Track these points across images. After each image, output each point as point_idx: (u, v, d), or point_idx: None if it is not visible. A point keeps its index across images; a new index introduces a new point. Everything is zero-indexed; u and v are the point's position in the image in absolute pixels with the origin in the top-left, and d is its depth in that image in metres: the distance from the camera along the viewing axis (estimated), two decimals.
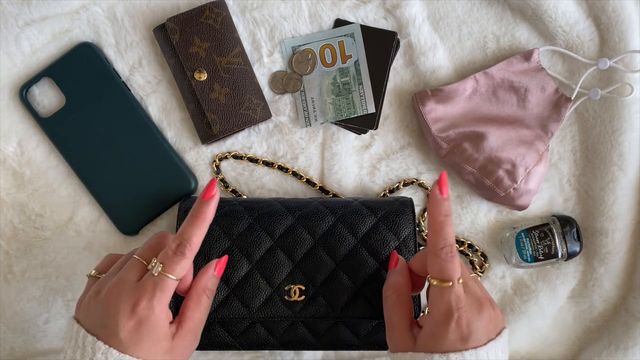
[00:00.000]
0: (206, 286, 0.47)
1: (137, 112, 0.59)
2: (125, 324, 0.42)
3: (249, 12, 0.60)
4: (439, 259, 0.43)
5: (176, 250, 0.43)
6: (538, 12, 0.58)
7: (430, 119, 0.58)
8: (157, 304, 0.42)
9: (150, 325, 0.42)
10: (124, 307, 0.42)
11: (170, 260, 0.43)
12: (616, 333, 0.60)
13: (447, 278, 0.43)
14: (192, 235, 0.44)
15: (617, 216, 0.59)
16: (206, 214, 0.44)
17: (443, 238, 0.43)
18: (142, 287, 0.43)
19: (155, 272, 0.43)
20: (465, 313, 0.42)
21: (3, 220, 0.60)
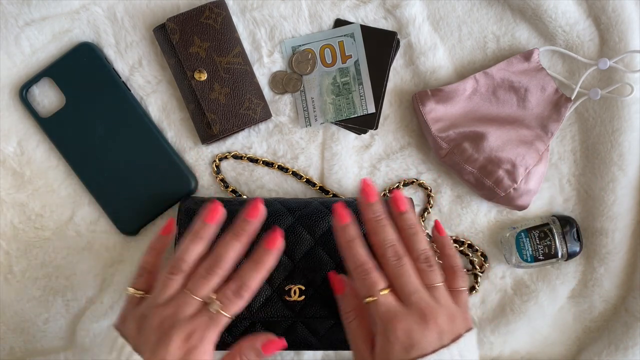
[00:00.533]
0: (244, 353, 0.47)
1: (137, 112, 0.59)
2: (175, 352, 0.43)
3: (249, 12, 0.60)
4: (357, 279, 0.46)
5: (236, 293, 0.45)
6: (538, 12, 0.58)
7: (430, 119, 0.58)
8: (208, 337, 0.44)
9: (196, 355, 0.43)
10: (177, 338, 0.43)
11: (228, 301, 0.45)
12: (616, 333, 0.60)
13: (369, 293, 0.45)
14: (252, 281, 0.45)
15: (617, 216, 0.59)
16: (269, 264, 0.46)
17: (352, 261, 0.46)
18: (197, 321, 0.44)
19: (214, 310, 0.44)
20: (399, 323, 0.43)
21: (3, 220, 0.60)
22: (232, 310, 0.45)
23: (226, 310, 0.45)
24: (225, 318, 0.45)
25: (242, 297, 0.45)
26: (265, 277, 0.46)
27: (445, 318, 0.44)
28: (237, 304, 0.45)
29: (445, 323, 0.44)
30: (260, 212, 0.47)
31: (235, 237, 0.46)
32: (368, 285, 0.45)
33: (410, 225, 0.47)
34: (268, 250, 0.46)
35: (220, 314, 0.44)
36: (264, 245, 0.46)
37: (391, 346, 0.43)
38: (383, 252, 0.46)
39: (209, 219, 0.47)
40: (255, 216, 0.47)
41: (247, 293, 0.45)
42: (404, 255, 0.46)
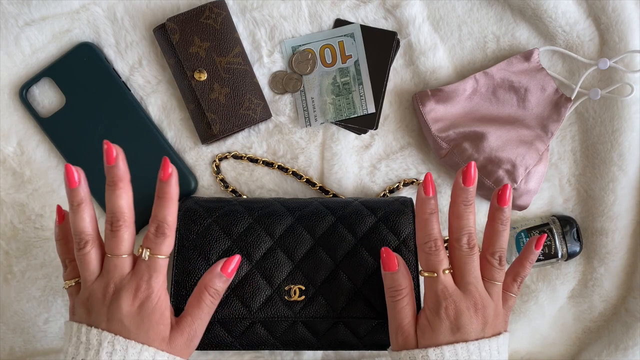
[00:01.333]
0: (209, 284, 0.49)
1: (137, 112, 0.59)
2: (129, 309, 0.44)
3: (249, 12, 0.60)
4: (424, 253, 0.47)
5: (157, 233, 0.46)
6: (538, 12, 0.58)
7: (430, 119, 0.58)
8: (154, 283, 0.45)
9: (150, 305, 0.45)
10: (126, 296, 0.45)
11: (154, 243, 0.46)
12: (616, 333, 0.60)
13: (433, 269, 0.46)
14: (166, 215, 0.46)
15: (617, 216, 0.59)
16: (171, 193, 0.46)
17: (427, 234, 0.47)
18: (138, 274, 0.45)
19: (146, 257, 0.45)
20: (452, 303, 0.45)
21: (3, 220, 0.60)
22: (163, 250, 0.46)
23: (157, 252, 0.46)
24: (161, 259, 0.46)
25: (164, 234, 0.46)
26: (175, 207, 0.47)
27: (492, 313, 0.46)
28: (164, 243, 0.46)
29: (491, 317, 0.46)
30: (116, 151, 0.46)
31: (110, 187, 0.46)
32: (434, 261, 0.46)
33: (504, 221, 0.48)
34: (165, 182, 0.46)
35: (154, 258, 0.46)
36: (160, 178, 0.46)
37: (440, 323, 0.45)
38: (458, 237, 0.47)
39: (70, 184, 0.46)
40: (113, 160, 0.46)
41: (167, 229, 0.46)
42: (475, 246, 0.47)
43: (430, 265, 0.46)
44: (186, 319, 0.48)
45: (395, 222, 0.55)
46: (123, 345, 0.43)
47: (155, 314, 0.45)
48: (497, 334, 0.46)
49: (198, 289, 0.49)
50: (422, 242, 0.47)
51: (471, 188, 0.47)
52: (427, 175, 0.47)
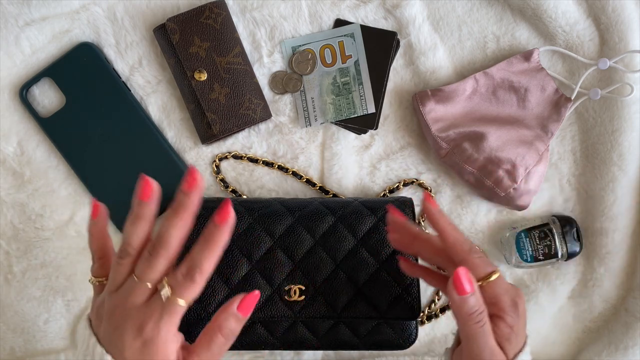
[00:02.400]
0: (223, 324, 0.42)
1: (137, 112, 0.59)
2: (131, 344, 0.40)
3: (249, 12, 0.60)
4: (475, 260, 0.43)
5: (186, 275, 0.41)
6: (538, 12, 0.58)
7: (430, 119, 0.58)
8: (163, 327, 0.40)
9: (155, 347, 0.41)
10: (130, 329, 0.41)
11: (179, 285, 0.41)
12: (616, 333, 0.60)
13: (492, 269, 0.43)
14: (204, 261, 0.41)
15: (617, 216, 0.59)
16: (220, 241, 0.41)
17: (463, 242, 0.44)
18: (149, 310, 0.41)
19: (165, 296, 0.40)
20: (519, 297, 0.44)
21: (3, 220, 0.60)
22: (186, 296, 0.40)
23: (178, 296, 0.40)
24: (179, 306, 0.40)
25: (194, 280, 0.40)
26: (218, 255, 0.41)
27: None
28: (189, 288, 0.40)
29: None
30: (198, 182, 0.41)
31: (174, 213, 0.42)
32: (488, 262, 0.44)
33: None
34: (218, 226, 0.41)
35: (173, 301, 0.40)
36: (214, 220, 0.41)
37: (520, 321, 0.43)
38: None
39: (143, 197, 0.42)
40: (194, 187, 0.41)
41: (199, 276, 0.41)
42: None
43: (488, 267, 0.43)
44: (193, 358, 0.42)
45: None
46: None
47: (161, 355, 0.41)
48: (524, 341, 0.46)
49: (210, 328, 0.43)
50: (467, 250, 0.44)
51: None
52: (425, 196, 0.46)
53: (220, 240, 0.41)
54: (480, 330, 0.42)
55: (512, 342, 0.42)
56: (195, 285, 0.41)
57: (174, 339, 0.42)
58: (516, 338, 0.43)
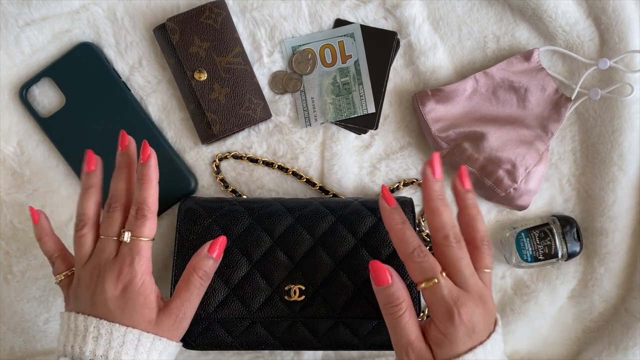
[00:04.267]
0: (197, 266, 0.48)
1: (137, 112, 0.59)
2: (113, 293, 0.45)
3: (249, 12, 0.60)
4: (415, 262, 0.44)
5: (137, 215, 0.47)
6: (538, 12, 0.58)
7: (430, 119, 0.58)
8: (137, 266, 0.46)
9: (134, 289, 0.45)
10: (109, 279, 0.45)
11: (135, 225, 0.46)
12: (616, 333, 0.60)
13: (431, 276, 0.43)
14: (146, 197, 0.47)
15: (617, 216, 0.59)
16: (150, 175, 0.47)
17: (407, 244, 0.44)
18: (120, 257, 0.46)
19: (128, 239, 0.46)
20: (462, 306, 0.42)
21: (3, 220, 0.60)
22: (144, 232, 0.46)
23: (139, 234, 0.46)
24: (143, 242, 0.46)
25: (144, 216, 0.46)
26: (156, 188, 0.48)
27: (491, 302, 0.45)
28: (144, 224, 0.46)
29: (493, 308, 0.45)
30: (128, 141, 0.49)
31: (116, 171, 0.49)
32: (427, 268, 0.43)
33: (474, 204, 0.46)
34: (144, 164, 0.47)
35: (135, 240, 0.46)
36: (140, 160, 0.48)
37: (455, 331, 0.42)
38: (446, 234, 0.44)
39: (87, 168, 0.49)
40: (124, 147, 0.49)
41: (147, 211, 0.47)
42: (461, 239, 0.45)
43: (426, 273, 0.43)
44: (175, 301, 0.47)
45: None
46: (107, 328, 0.44)
47: (140, 298, 0.45)
48: (495, 321, 0.45)
49: (187, 272, 0.49)
50: (408, 252, 0.44)
51: (438, 181, 0.45)
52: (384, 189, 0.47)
53: (151, 174, 0.47)
54: (394, 321, 0.45)
55: (443, 347, 0.43)
56: (147, 219, 0.47)
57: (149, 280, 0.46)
58: (450, 345, 0.43)
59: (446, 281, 0.43)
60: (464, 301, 0.43)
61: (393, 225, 0.45)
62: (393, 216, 0.45)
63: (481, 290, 0.44)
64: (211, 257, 0.49)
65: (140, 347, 0.44)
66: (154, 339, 0.45)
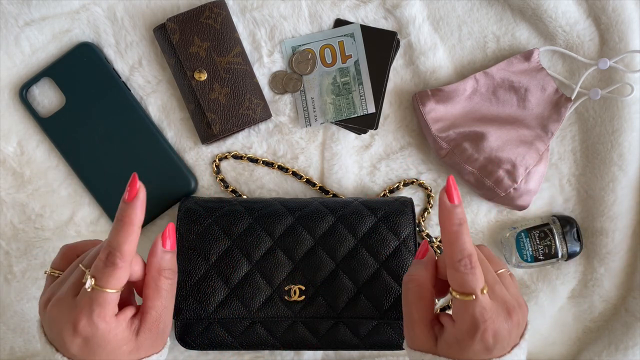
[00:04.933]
0: (160, 267, 0.42)
1: (137, 112, 0.59)
2: (72, 341, 0.39)
3: (249, 12, 0.60)
4: (459, 272, 0.40)
5: (106, 262, 0.39)
6: (538, 12, 0.58)
7: (430, 119, 0.58)
8: (98, 320, 0.39)
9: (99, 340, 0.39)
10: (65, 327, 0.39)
11: (102, 273, 0.39)
12: (616, 333, 0.60)
13: (470, 291, 0.40)
14: (121, 243, 0.39)
15: (617, 216, 0.59)
16: (132, 218, 0.39)
17: (459, 249, 0.40)
18: (78, 305, 0.39)
19: (89, 287, 0.39)
20: (491, 325, 0.40)
21: (3, 220, 0.60)
22: (111, 283, 0.39)
23: (104, 285, 0.38)
24: (108, 294, 0.39)
25: (115, 265, 0.39)
26: (136, 235, 0.40)
27: (519, 312, 0.42)
28: (112, 275, 0.39)
29: (520, 317, 0.42)
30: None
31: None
32: (472, 281, 0.40)
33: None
34: (129, 204, 0.39)
35: (98, 290, 0.38)
36: (123, 198, 0.40)
37: (474, 345, 0.40)
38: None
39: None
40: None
41: (120, 259, 0.39)
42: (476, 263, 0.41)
43: (466, 286, 0.40)
44: (150, 314, 0.42)
45: (395, 222, 0.55)
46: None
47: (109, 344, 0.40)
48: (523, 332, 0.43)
49: (150, 278, 0.42)
50: (455, 259, 0.40)
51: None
52: (450, 180, 0.41)
53: (133, 217, 0.39)
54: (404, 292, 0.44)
55: (446, 343, 0.41)
56: (118, 269, 0.39)
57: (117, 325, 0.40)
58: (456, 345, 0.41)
59: (484, 299, 0.40)
60: (494, 319, 0.40)
61: (448, 225, 0.41)
62: (450, 215, 0.41)
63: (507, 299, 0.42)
64: (167, 252, 0.43)
65: None
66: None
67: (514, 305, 0.42)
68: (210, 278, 0.54)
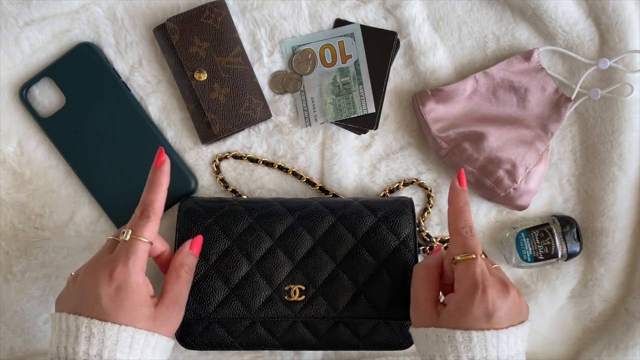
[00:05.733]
0: (183, 262, 0.50)
1: (137, 112, 0.59)
2: (106, 291, 0.44)
3: (249, 12, 0.60)
4: (461, 236, 0.47)
5: (141, 215, 0.47)
6: (538, 12, 0.58)
7: (430, 119, 0.58)
8: (132, 266, 0.45)
9: (129, 289, 0.45)
10: (102, 276, 0.45)
11: (137, 225, 0.47)
12: (616, 333, 0.60)
13: (470, 251, 0.46)
14: (153, 200, 0.48)
15: (617, 216, 0.59)
16: (161, 179, 0.48)
17: (463, 219, 0.48)
18: (116, 254, 0.46)
19: (127, 237, 0.46)
20: (490, 287, 0.44)
21: (3, 220, 0.60)
22: (145, 233, 0.46)
23: (139, 234, 0.46)
24: (142, 243, 0.46)
25: (148, 217, 0.47)
26: (164, 194, 0.49)
27: (516, 294, 0.46)
28: (146, 226, 0.47)
29: (517, 299, 0.46)
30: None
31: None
32: (470, 245, 0.46)
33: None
34: (156, 169, 0.49)
35: (134, 239, 0.46)
36: (153, 165, 0.49)
37: (475, 308, 0.44)
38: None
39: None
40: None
41: (152, 212, 0.47)
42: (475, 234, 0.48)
43: (468, 248, 0.46)
44: (169, 294, 0.48)
45: (395, 222, 0.55)
46: (100, 327, 0.43)
47: (135, 297, 0.45)
48: (522, 321, 0.46)
49: (173, 268, 0.50)
50: (459, 226, 0.47)
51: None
52: (461, 171, 0.50)
53: (161, 179, 0.49)
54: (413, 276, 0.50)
55: (448, 314, 0.45)
56: (150, 221, 0.47)
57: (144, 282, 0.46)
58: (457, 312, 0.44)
59: (482, 261, 0.46)
60: (492, 284, 0.44)
61: (457, 202, 0.49)
62: (459, 195, 0.49)
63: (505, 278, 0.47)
64: (192, 254, 0.51)
65: (134, 344, 0.44)
66: (147, 335, 0.45)
67: (510, 282, 0.46)
68: (210, 278, 0.54)
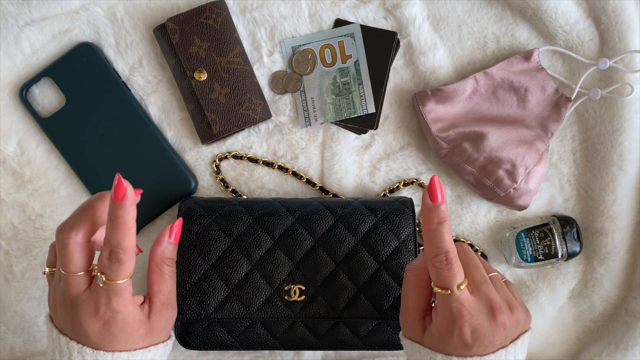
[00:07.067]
0: (163, 256, 0.46)
1: (137, 112, 0.59)
2: (93, 328, 0.42)
3: (249, 12, 0.60)
4: (434, 267, 0.42)
5: (111, 259, 0.41)
6: (538, 12, 0.58)
7: (430, 119, 0.58)
8: (117, 306, 0.42)
9: (119, 324, 0.43)
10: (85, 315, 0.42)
11: (109, 270, 0.42)
12: (616, 333, 0.60)
13: (445, 286, 0.42)
14: (120, 241, 0.41)
15: (617, 216, 0.59)
16: (124, 217, 0.41)
17: (436, 246, 0.42)
18: (95, 295, 0.42)
19: (101, 283, 0.42)
20: (469, 320, 0.41)
21: (3, 220, 0.60)
22: (120, 275, 0.42)
23: (114, 278, 0.42)
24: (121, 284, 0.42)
25: (120, 260, 0.41)
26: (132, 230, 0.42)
27: (506, 315, 0.43)
28: (120, 268, 0.41)
29: (508, 320, 0.43)
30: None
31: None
32: (446, 276, 0.42)
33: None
34: (118, 204, 0.41)
35: (111, 283, 0.42)
36: (112, 199, 0.41)
37: (454, 340, 0.42)
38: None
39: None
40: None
41: (120, 254, 0.41)
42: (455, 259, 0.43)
43: (442, 281, 0.42)
44: (158, 297, 0.46)
45: (395, 222, 0.55)
46: (92, 356, 0.43)
47: (128, 327, 0.43)
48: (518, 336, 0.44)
49: (154, 266, 0.46)
50: (431, 255, 0.42)
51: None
52: (433, 180, 0.42)
53: (125, 215, 0.41)
54: (404, 279, 0.46)
55: (430, 335, 0.44)
56: (123, 263, 0.42)
57: (134, 307, 0.44)
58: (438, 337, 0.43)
59: (461, 294, 0.42)
60: (473, 315, 0.42)
61: (427, 223, 0.43)
62: (430, 214, 0.42)
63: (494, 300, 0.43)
64: (172, 243, 0.47)
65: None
66: (143, 353, 0.44)
67: (501, 306, 0.43)
68: (210, 278, 0.54)
